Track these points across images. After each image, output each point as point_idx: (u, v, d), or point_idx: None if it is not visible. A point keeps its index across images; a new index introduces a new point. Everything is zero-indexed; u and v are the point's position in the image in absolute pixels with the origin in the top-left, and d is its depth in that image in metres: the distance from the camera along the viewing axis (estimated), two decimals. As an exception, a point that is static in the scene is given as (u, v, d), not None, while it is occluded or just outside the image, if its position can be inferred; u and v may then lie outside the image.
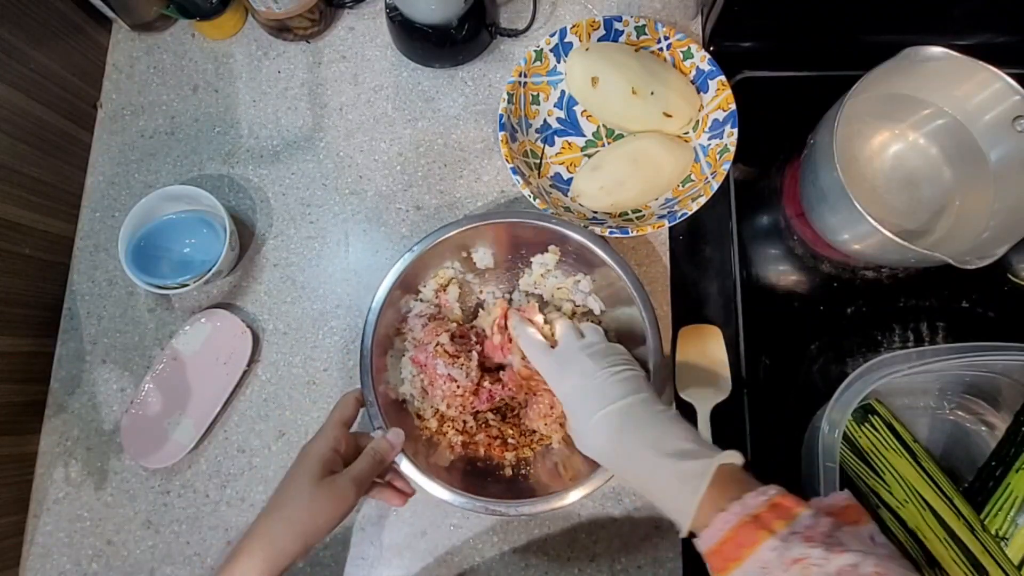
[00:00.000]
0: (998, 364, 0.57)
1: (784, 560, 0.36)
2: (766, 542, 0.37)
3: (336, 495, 0.48)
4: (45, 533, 0.64)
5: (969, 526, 0.53)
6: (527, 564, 0.61)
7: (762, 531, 0.37)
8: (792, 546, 0.36)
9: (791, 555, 0.36)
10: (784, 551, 0.36)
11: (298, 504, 0.47)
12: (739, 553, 0.38)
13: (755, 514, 0.38)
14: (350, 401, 0.54)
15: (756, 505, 0.39)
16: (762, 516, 0.38)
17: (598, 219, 0.66)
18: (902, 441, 0.57)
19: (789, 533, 0.37)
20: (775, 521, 0.38)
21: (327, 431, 0.51)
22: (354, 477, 0.49)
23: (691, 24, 0.74)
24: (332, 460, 0.49)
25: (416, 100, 0.73)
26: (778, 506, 0.39)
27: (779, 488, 0.40)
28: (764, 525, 0.38)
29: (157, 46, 0.77)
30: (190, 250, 0.67)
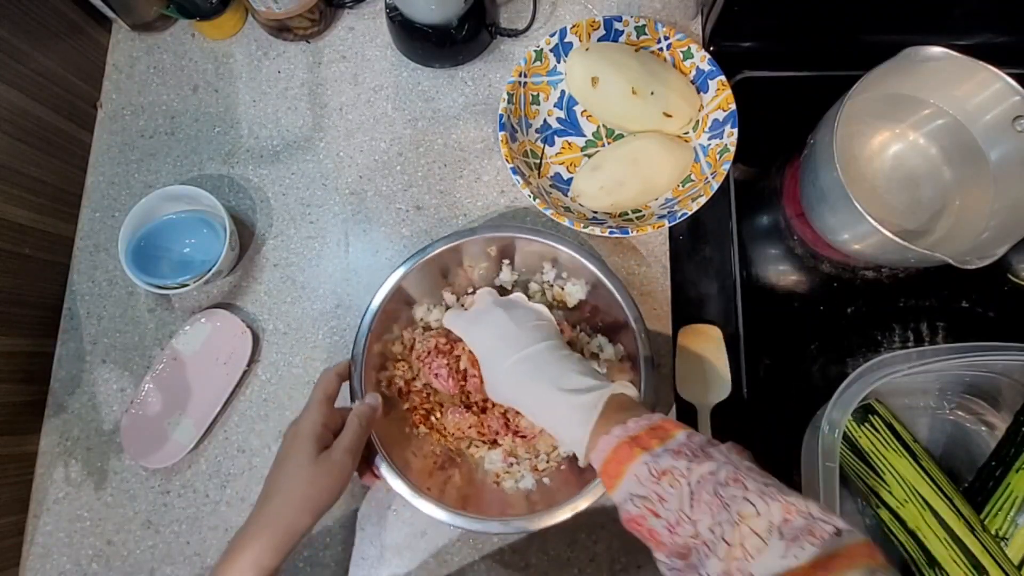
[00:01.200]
0: (998, 364, 0.58)
1: (653, 472, 0.39)
2: (639, 457, 0.40)
3: (335, 468, 0.49)
4: (45, 533, 0.64)
5: (969, 526, 0.53)
6: (527, 564, 0.61)
7: (637, 449, 0.41)
8: (660, 460, 0.39)
9: (659, 467, 0.39)
10: (653, 464, 0.40)
11: (299, 484, 0.48)
12: (619, 469, 0.41)
13: (634, 435, 0.42)
14: (331, 377, 0.55)
15: (637, 428, 0.42)
16: (640, 437, 0.42)
17: (598, 219, 0.66)
18: (902, 441, 0.57)
19: (662, 450, 0.40)
20: (651, 440, 0.41)
21: (313, 409, 0.52)
22: (347, 448, 0.50)
23: (691, 24, 0.74)
24: (323, 436, 0.50)
25: (416, 100, 0.73)
26: (658, 428, 0.42)
27: (666, 417, 0.44)
28: (640, 444, 0.41)
29: (157, 46, 0.77)
30: (190, 250, 0.67)
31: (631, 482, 0.40)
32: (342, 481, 0.49)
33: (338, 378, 0.55)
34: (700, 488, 0.37)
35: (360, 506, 0.63)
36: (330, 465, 0.49)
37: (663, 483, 0.39)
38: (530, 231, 0.59)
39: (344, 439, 0.50)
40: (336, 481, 0.49)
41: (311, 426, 0.50)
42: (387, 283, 0.59)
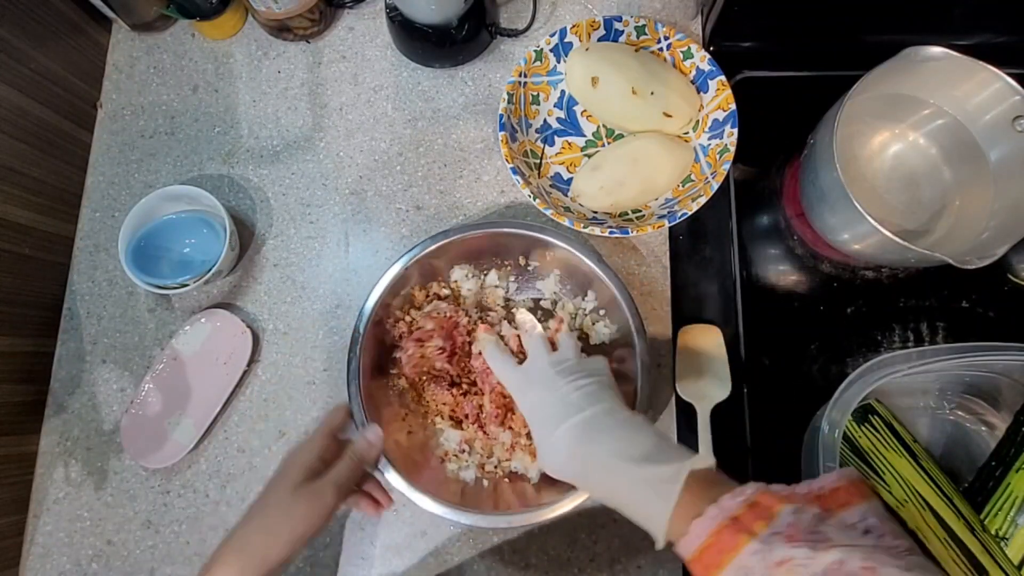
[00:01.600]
0: (998, 364, 0.57)
1: (767, 564, 0.34)
2: (747, 546, 0.35)
3: (314, 501, 0.47)
4: (45, 533, 0.64)
5: (969, 526, 0.53)
6: (527, 564, 0.61)
7: (742, 534, 0.35)
8: (774, 548, 0.34)
9: (774, 558, 0.34)
10: (767, 554, 0.34)
11: (276, 511, 0.46)
12: (720, 559, 0.36)
13: (734, 516, 0.36)
14: (341, 410, 0.54)
15: (733, 507, 0.37)
16: (741, 518, 0.36)
17: (598, 219, 0.66)
18: (902, 441, 0.57)
19: (770, 534, 0.35)
20: (755, 522, 0.36)
21: (314, 439, 0.51)
22: (332, 481, 0.48)
23: (691, 24, 0.74)
24: (316, 468, 0.49)
25: (416, 100, 0.73)
26: (757, 505, 0.37)
27: (758, 485, 0.38)
28: (744, 528, 0.36)
29: (157, 46, 0.77)
30: (190, 250, 0.67)
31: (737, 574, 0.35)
32: (321, 514, 0.47)
33: (347, 413, 0.55)
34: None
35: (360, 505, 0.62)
36: (310, 495, 0.47)
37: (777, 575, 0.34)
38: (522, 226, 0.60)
39: (332, 472, 0.49)
40: (314, 513, 0.47)
41: (304, 455, 0.49)
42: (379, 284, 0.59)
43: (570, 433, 0.45)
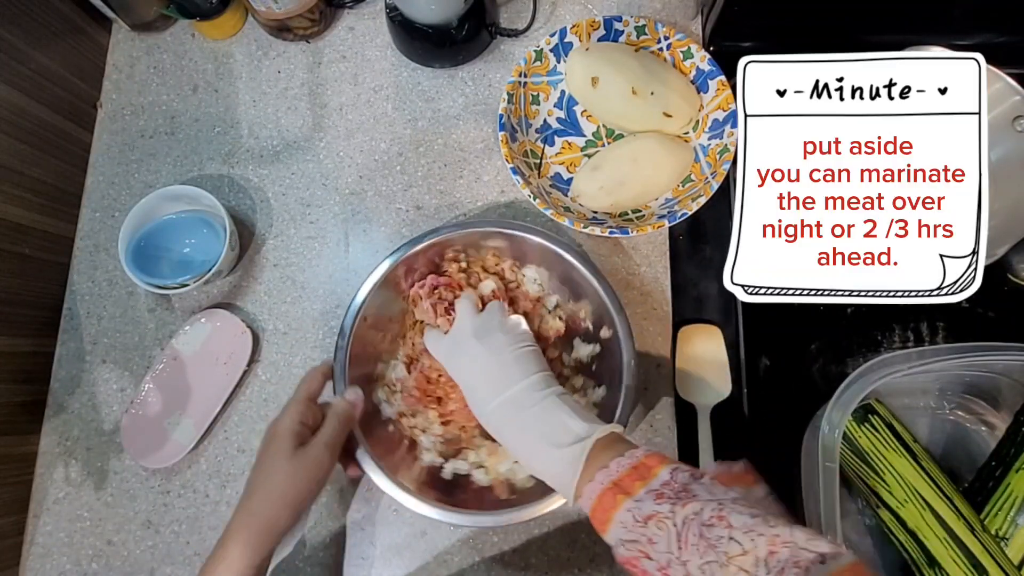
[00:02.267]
0: (998, 364, 0.57)
1: (638, 518, 0.39)
2: (623, 504, 0.40)
3: (312, 463, 0.48)
4: (45, 533, 0.64)
5: (969, 526, 0.53)
6: (527, 564, 0.61)
7: (620, 495, 0.41)
8: (644, 505, 0.39)
9: (643, 513, 0.39)
10: (637, 511, 0.39)
11: (277, 480, 0.48)
12: (606, 517, 0.41)
13: (616, 480, 0.41)
14: (316, 375, 0.55)
15: (619, 470, 0.42)
16: (622, 481, 0.41)
17: (598, 219, 0.66)
18: (902, 441, 0.57)
19: (645, 492, 0.40)
20: (634, 483, 0.41)
21: (292, 406, 0.52)
22: (326, 442, 0.50)
23: (691, 24, 0.74)
24: (301, 433, 0.50)
25: (416, 100, 0.73)
26: (640, 467, 0.42)
27: (648, 449, 0.43)
28: (623, 489, 0.41)
29: (157, 46, 0.77)
30: (190, 250, 0.67)
31: (619, 528, 0.40)
32: (320, 475, 0.49)
33: (323, 377, 0.55)
34: (686, 530, 0.37)
35: (360, 506, 0.63)
36: (307, 460, 0.48)
37: (650, 527, 0.38)
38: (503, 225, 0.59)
39: (322, 434, 0.50)
40: (314, 475, 0.48)
41: (289, 423, 0.50)
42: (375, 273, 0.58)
43: (499, 411, 0.49)
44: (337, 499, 0.63)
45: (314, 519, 0.63)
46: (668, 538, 0.38)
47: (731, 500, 0.38)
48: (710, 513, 0.37)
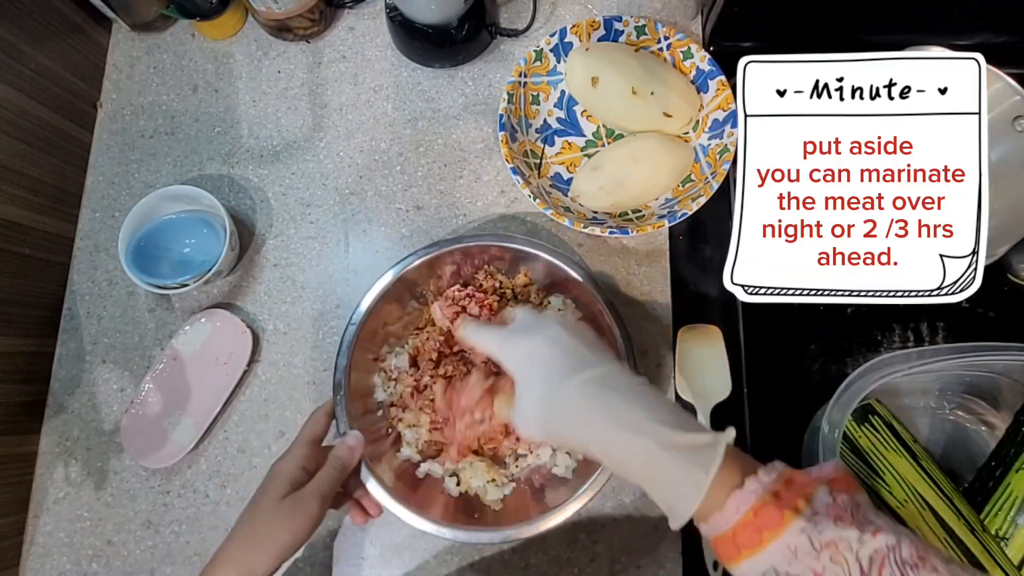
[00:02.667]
0: (998, 364, 0.57)
1: (816, 543, 0.32)
2: (793, 523, 0.32)
3: (300, 510, 0.47)
4: (45, 533, 0.64)
5: (969, 526, 0.53)
6: (527, 564, 0.61)
7: (787, 510, 0.33)
8: (822, 528, 0.32)
9: (823, 538, 0.32)
10: (814, 534, 0.32)
11: (263, 524, 0.47)
12: (759, 538, 0.33)
13: (774, 490, 0.33)
14: (320, 417, 0.54)
15: (772, 481, 0.34)
16: (782, 493, 0.33)
17: (598, 219, 0.66)
18: (902, 441, 0.57)
19: (813, 513, 0.33)
20: (797, 499, 0.33)
21: (294, 449, 0.50)
22: (316, 490, 0.48)
23: (691, 24, 0.74)
24: (298, 479, 0.48)
25: (416, 100, 0.73)
26: (793, 483, 0.34)
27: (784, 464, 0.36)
28: (788, 504, 0.33)
29: (157, 46, 0.77)
30: (190, 250, 0.67)
31: (778, 554, 0.32)
32: (306, 523, 0.47)
33: (326, 418, 0.54)
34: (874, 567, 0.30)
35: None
36: (295, 506, 0.47)
37: (823, 559, 0.31)
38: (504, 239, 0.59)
39: (317, 480, 0.49)
40: (299, 523, 0.46)
41: (287, 466, 0.49)
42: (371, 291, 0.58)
43: (583, 389, 0.39)
44: (337, 499, 0.63)
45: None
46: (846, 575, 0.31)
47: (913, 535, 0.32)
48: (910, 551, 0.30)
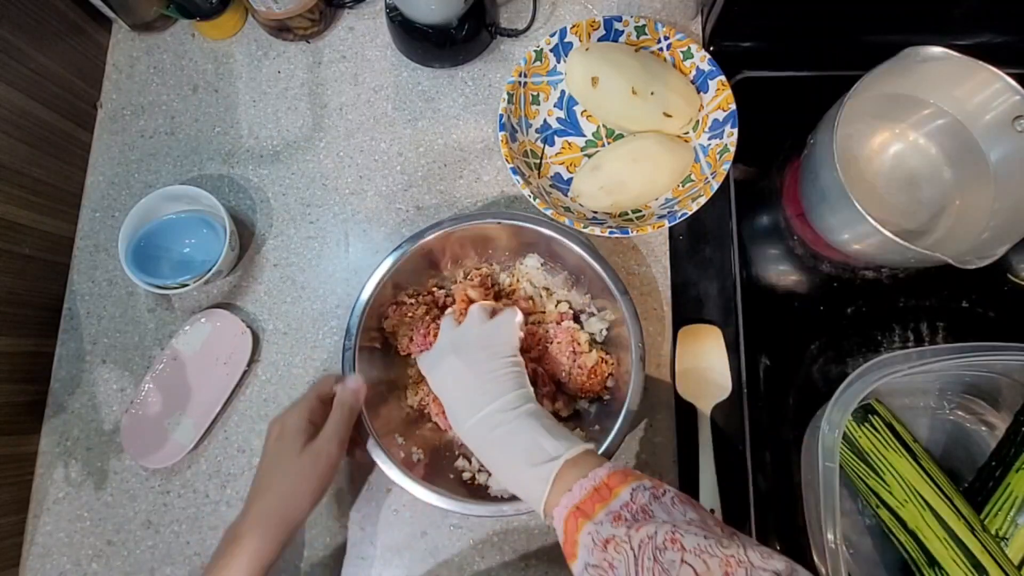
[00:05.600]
0: (998, 364, 0.57)
1: (597, 542, 0.39)
2: (584, 528, 0.40)
3: (321, 458, 0.50)
4: (45, 533, 0.64)
5: (969, 526, 0.53)
6: (527, 564, 0.61)
7: (581, 519, 0.41)
8: (603, 528, 0.39)
9: (602, 536, 0.39)
10: (596, 535, 0.39)
11: (289, 478, 0.50)
12: (572, 540, 0.41)
13: (579, 503, 0.41)
14: (329, 379, 0.56)
15: (581, 493, 0.42)
16: (584, 504, 0.41)
17: (598, 219, 0.66)
18: (902, 441, 0.57)
19: (604, 514, 0.40)
20: (595, 506, 0.41)
21: (301, 402, 0.54)
22: (331, 436, 0.51)
23: (691, 24, 0.74)
24: (308, 429, 0.52)
25: (416, 100, 0.73)
26: (602, 488, 0.41)
27: (612, 467, 0.43)
28: (584, 513, 0.41)
29: (157, 46, 0.77)
30: (190, 250, 0.67)
31: (584, 552, 0.40)
32: (330, 469, 0.51)
33: (334, 380, 0.56)
34: (642, 554, 0.37)
35: (360, 506, 0.63)
36: (316, 456, 0.50)
37: (609, 551, 0.38)
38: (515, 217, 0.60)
39: (328, 428, 0.52)
40: (324, 470, 0.50)
41: (295, 420, 0.52)
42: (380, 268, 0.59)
43: (474, 430, 0.49)
44: (337, 499, 0.63)
45: (314, 519, 0.63)
46: (626, 562, 0.37)
47: (686, 521, 0.38)
48: (664, 536, 0.37)
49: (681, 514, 0.39)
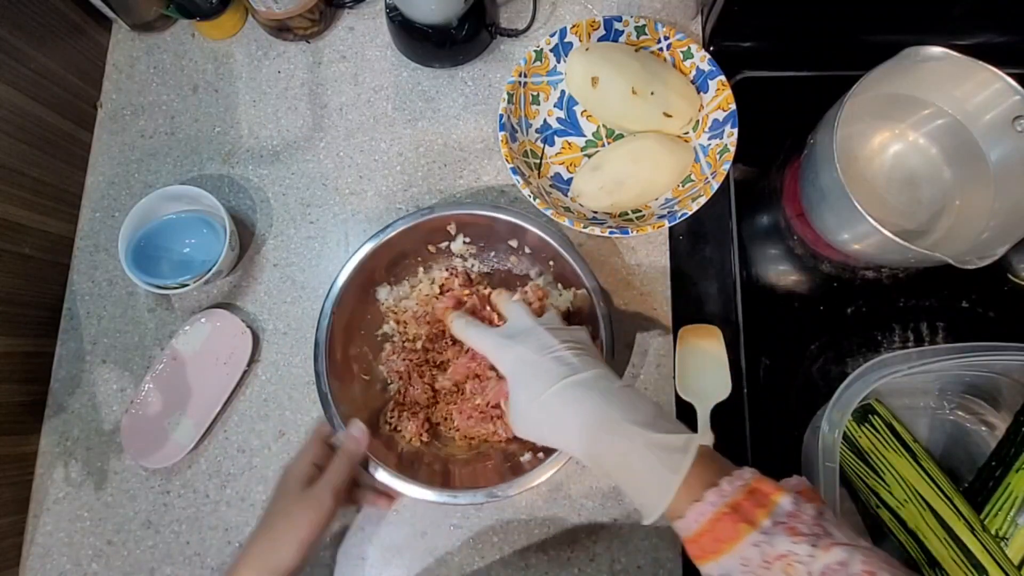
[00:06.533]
0: (998, 364, 0.57)
1: (768, 556, 0.33)
2: (748, 536, 0.34)
3: (313, 503, 0.49)
4: (45, 533, 0.64)
5: (969, 526, 0.53)
6: (527, 564, 0.61)
7: (743, 524, 0.34)
8: (776, 541, 0.33)
9: (775, 551, 0.33)
10: (767, 547, 0.33)
11: (280, 520, 0.49)
12: (717, 547, 0.35)
13: (733, 503, 0.35)
14: (326, 425, 0.56)
15: (733, 492, 0.36)
16: (741, 505, 0.35)
17: (598, 219, 0.66)
18: (902, 441, 0.57)
19: (772, 524, 0.34)
20: (756, 510, 0.35)
21: (305, 447, 0.53)
22: (328, 482, 0.50)
23: (691, 24, 0.74)
24: (310, 475, 0.51)
25: (416, 100, 0.73)
26: (756, 492, 0.36)
27: (754, 471, 0.37)
28: (745, 517, 0.35)
29: (157, 46, 0.77)
30: (190, 250, 0.67)
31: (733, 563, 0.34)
32: (322, 516, 0.49)
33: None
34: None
35: (360, 507, 0.63)
36: (309, 500, 0.49)
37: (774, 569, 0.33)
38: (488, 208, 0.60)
39: (326, 475, 0.51)
40: (314, 515, 0.49)
41: (299, 464, 0.52)
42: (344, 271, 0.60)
43: (568, 391, 0.42)
44: (337, 499, 0.63)
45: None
46: None
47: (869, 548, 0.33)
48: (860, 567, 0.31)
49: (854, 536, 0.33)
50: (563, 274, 0.62)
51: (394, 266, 0.64)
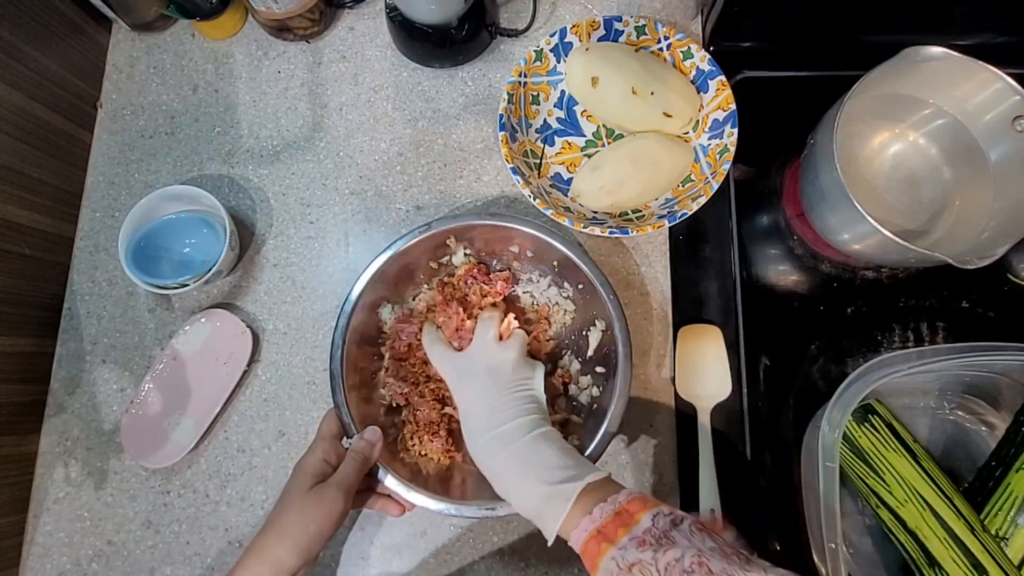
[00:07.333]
0: (998, 364, 0.57)
1: (622, 566, 0.40)
2: (607, 553, 0.41)
3: (324, 502, 0.49)
4: (45, 533, 0.64)
5: (969, 526, 0.53)
6: (527, 564, 0.61)
7: (604, 543, 0.41)
8: (627, 553, 0.40)
9: (626, 561, 0.40)
10: (621, 559, 0.40)
11: (289, 516, 0.48)
12: (592, 563, 0.42)
13: (600, 527, 0.42)
14: (332, 413, 0.56)
15: (602, 517, 0.42)
16: (606, 528, 0.42)
17: (598, 219, 0.66)
18: (902, 441, 0.57)
19: (628, 540, 0.41)
20: (617, 531, 0.41)
21: (315, 444, 0.53)
22: (339, 481, 0.50)
23: (691, 24, 0.74)
24: (322, 472, 0.51)
25: (416, 100, 0.73)
26: (623, 513, 0.42)
27: (631, 493, 0.44)
28: (607, 537, 0.41)
29: (157, 46, 0.77)
30: (190, 250, 0.67)
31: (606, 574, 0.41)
32: (331, 516, 0.49)
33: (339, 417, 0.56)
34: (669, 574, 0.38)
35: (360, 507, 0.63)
36: (318, 497, 0.49)
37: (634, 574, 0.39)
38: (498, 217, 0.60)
39: (339, 473, 0.51)
40: (324, 514, 0.48)
41: (311, 461, 0.51)
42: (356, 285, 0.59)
43: (492, 444, 0.50)
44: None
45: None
46: None
47: (710, 548, 0.39)
48: (691, 560, 0.38)
49: (700, 541, 0.40)
50: (566, 273, 0.62)
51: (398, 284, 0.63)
